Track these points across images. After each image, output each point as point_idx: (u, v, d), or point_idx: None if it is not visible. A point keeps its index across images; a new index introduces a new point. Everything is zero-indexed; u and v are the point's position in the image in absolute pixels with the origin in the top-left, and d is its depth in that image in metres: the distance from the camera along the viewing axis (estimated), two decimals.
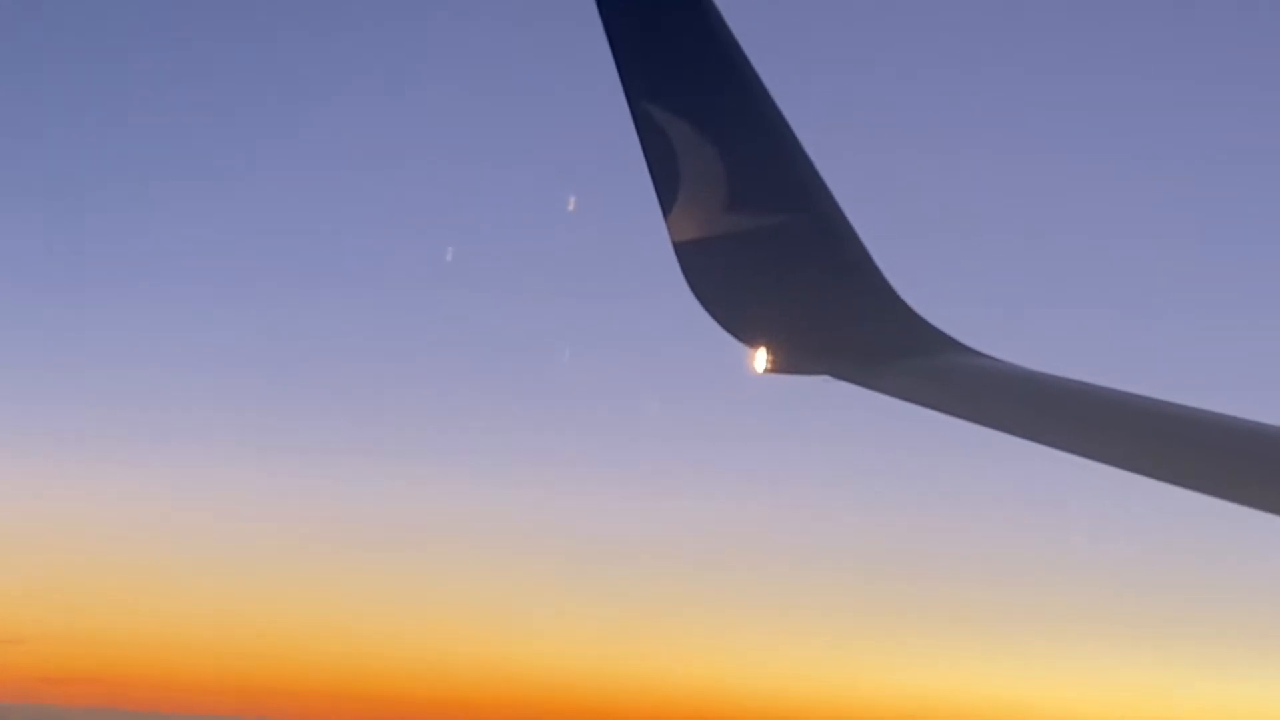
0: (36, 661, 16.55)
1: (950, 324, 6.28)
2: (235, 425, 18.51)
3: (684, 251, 6.27)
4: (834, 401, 6.26)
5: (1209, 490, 4.86)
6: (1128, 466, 5.19)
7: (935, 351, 6.19)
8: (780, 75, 6.15)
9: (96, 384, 19.21)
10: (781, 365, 6.20)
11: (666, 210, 6.24)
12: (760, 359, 6.21)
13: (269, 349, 18.78)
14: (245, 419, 18.42)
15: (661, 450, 16.62)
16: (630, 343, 16.40)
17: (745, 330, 6.27)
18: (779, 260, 6.25)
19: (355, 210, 18.45)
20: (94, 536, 18.04)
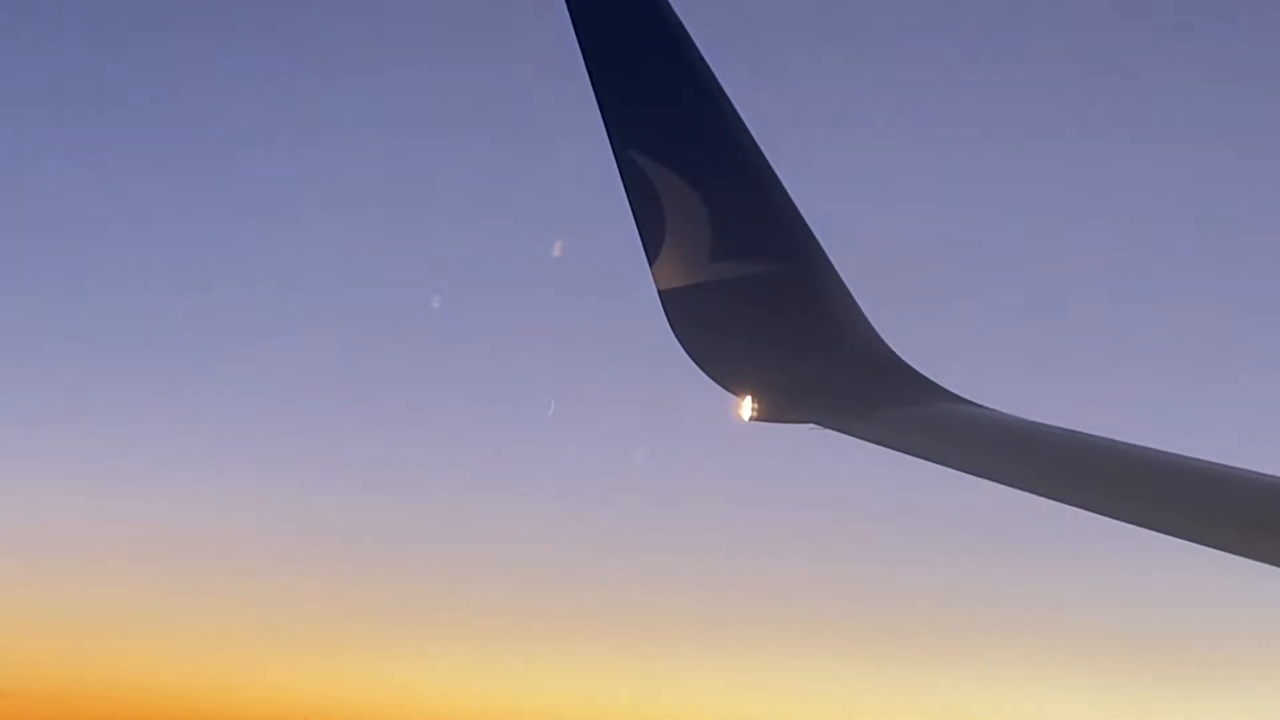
0: (17, 716, 16.22)
1: (938, 372, 6.28)
2: (225, 469, 18.23)
3: (669, 299, 6.25)
4: (820, 450, 6.24)
5: (1204, 541, 4.82)
6: (1120, 516, 5.15)
7: (922, 399, 6.16)
8: (766, 123, 6.16)
9: (83, 412, 18.82)
10: (767, 414, 6.17)
11: (651, 258, 6.23)
12: (746, 407, 6.18)
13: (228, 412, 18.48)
14: (234, 467, 18.14)
15: (647, 500, 16.49)
16: (614, 392, 16.29)
17: (731, 379, 6.25)
18: (765, 308, 6.23)
19: (337, 255, 18.29)
20: (76, 584, 17.73)
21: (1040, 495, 5.39)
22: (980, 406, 6.16)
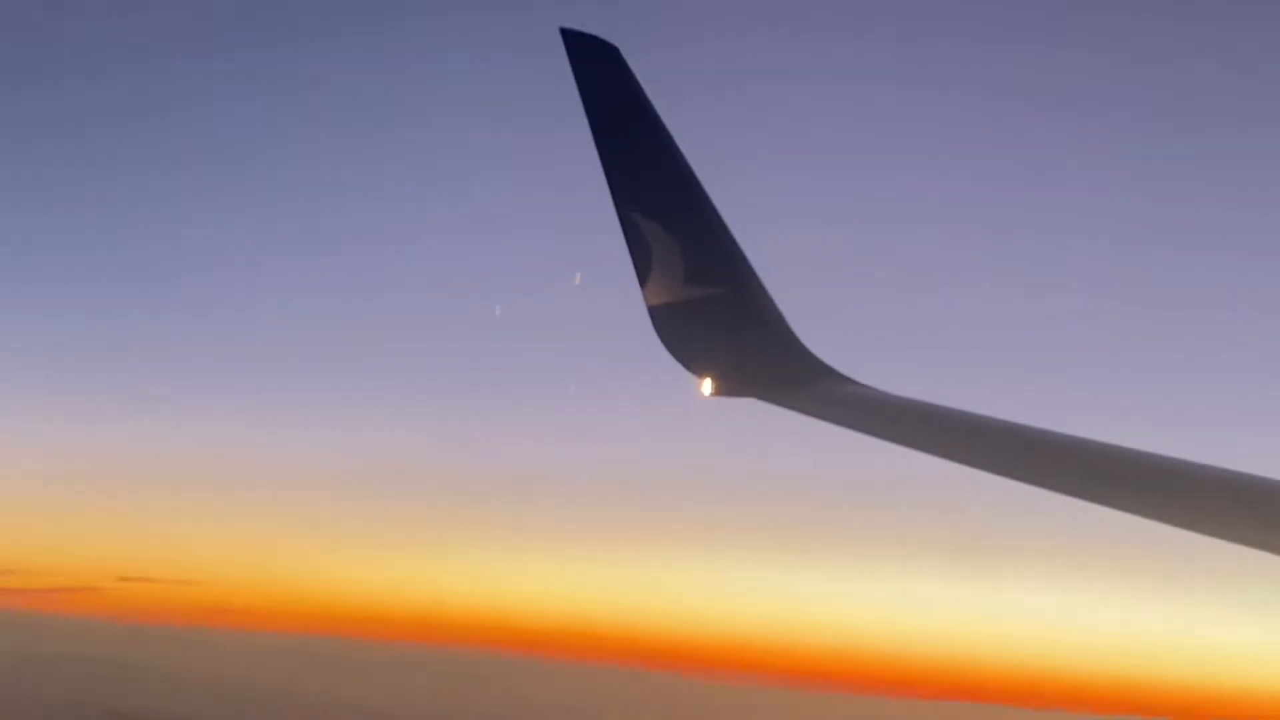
0: (211, 598, 17.61)
1: (839, 361, 8.66)
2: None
3: (655, 312, 8.52)
4: (758, 417, 8.48)
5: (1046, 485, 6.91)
6: (969, 463, 7.32)
7: (825, 380, 8.52)
8: (722, 185, 8.54)
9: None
10: (722, 391, 8.42)
11: (642, 282, 8.51)
12: (707, 386, 8.43)
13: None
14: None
15: (630, 457, 18.72)
16: (614, 377, 18.41)
17: (697, 366, 8.50)
18: (720, 317, 8.52)
19: (359, 288, 19.78)
20: (256, 490, 19.15)
21: (907, 448, 7.63)
22: (865, 386, 8.55)
